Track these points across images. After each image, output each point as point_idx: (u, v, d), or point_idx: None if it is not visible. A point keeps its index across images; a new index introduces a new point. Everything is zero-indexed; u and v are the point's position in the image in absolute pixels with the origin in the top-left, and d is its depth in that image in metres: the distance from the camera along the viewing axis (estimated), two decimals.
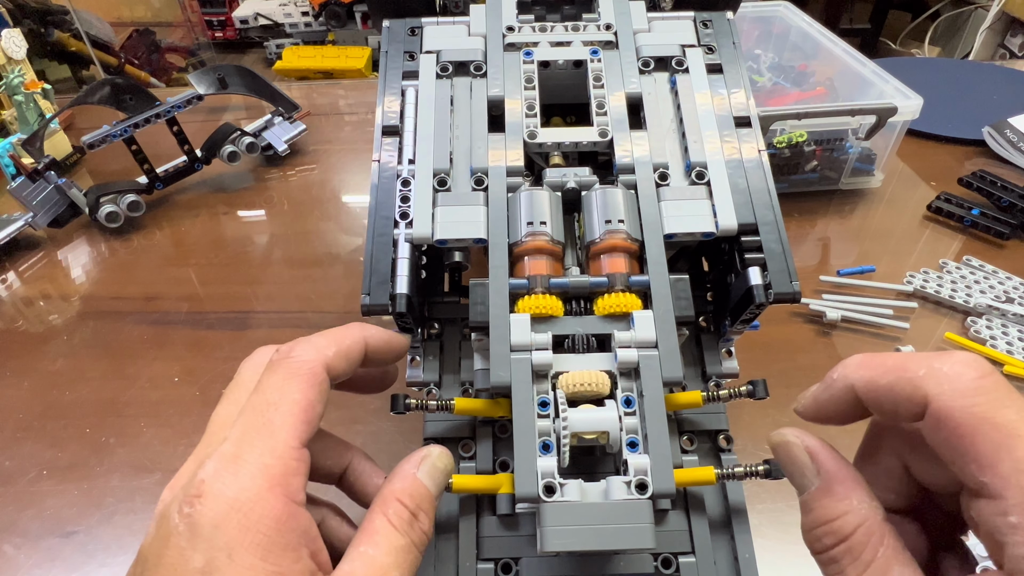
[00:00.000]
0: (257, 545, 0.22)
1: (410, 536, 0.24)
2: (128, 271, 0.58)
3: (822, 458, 0.23)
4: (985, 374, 0.20)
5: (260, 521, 0.22)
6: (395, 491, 0.25)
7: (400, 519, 0.25)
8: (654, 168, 0.33)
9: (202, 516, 0.22)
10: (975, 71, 0.86)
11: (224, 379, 0.47)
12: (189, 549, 0.22)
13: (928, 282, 0.52)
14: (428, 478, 0.26)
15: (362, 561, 0.23)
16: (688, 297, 0.30)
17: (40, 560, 0.37)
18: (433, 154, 0.34)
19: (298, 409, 0.25)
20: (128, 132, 0.60)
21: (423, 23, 0.39)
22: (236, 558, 0.21)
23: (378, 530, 0.24)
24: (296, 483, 0.23)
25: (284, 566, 0.22)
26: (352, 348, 0.28)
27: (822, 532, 0.22)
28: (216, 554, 0.21)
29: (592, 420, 0.27)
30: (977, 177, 0.60)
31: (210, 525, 0.22)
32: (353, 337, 0.28)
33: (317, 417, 0.25)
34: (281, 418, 0.24)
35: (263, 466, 0.23)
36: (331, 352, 0.27)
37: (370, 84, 0.96)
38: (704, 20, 0.38)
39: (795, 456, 0.23)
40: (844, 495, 0.22)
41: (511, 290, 0.30)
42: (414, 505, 0.25)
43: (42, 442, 0.43)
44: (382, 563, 0.23)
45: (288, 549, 0.22)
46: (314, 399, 0.25)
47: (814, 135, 0.58)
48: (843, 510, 0.21)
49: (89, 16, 1.92)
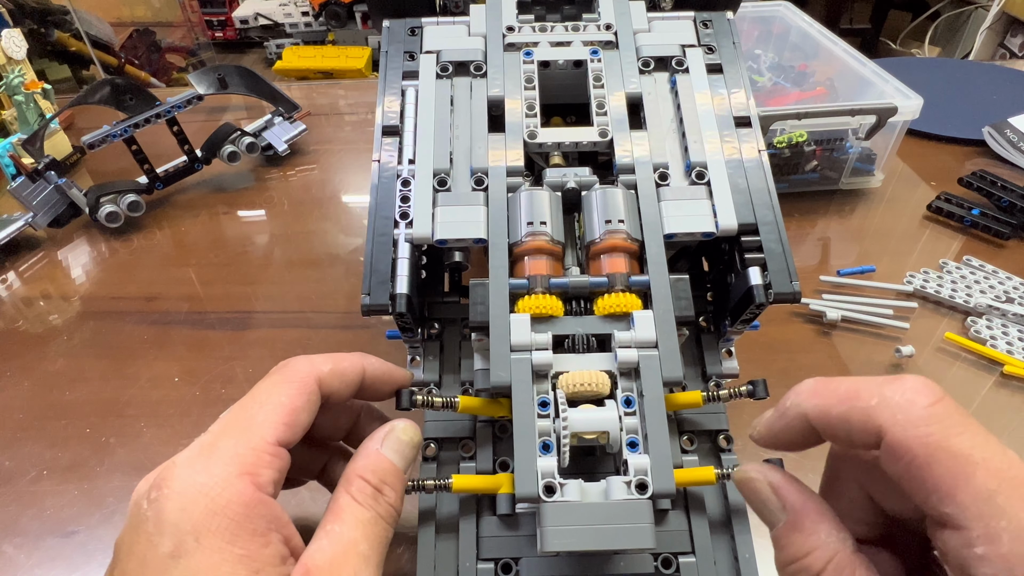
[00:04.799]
0: (224, 529, 0.22)
1: (375, 509, 0.25)
2: (128, 271, 0.58)
3: (785, 492, 0.22)
4: (936, 400, 0.19)
5: (228, 506, 0.22)
6: (357, 468, 0.26)
7: (363, 494, 0.25)
8: (654, 168, 0.33)
9: (169, 501, 0.22)
10: (975, 71, 0.86)
11: (224, 379, 0.47)
12: (157, 535, 0.22)
13: (928, 282, 0.52)
14: (392, 451, 0.27)
15: (329, 539, 0.24)
16: (688, 297, 0.30)
17: (40, 560, 0.37)
18: (433, 154, 0.34)
19: (282, 411, 0.25)
20: (128, 132, 0.60)
21: (423, 23, 0.39)
22: (203, 541, 0.22)
23: (343, 507, 0.25)
24: (267, 475, 0.24)
25: (252, 550, 0.22)
26: (348, 370, 0.28)
27: (794, 570, 0.21)
28: (184, 538, 0.22)
29: (592, 420, 0.27)
30: (977, 177, 0.60)
31: (177, 509, 0.22)
32: (351, 360, 0.29)
33: (301, 424, 0.26)
34: (264, 415, 0.25)
35: (235, 455, 0.24)
36: (326, 368, 0.28)
37: (370, 84, 0.96)
38: (704, 20, 0.38)
39: (759, 492, 0.23)
40: (812, 530, 0.21)
41: (511, 290, 0.30)
42: (377, 480, 0.26)
43: (42, 442, 0.43)
44: (349, 537, 0.24)
45: (256, 534, 0.23)
46: (299, 405, 0.26)
47: (814, 135, 0.58)
48: (812, 546, 0.21)
49: (89, 16, 1.92)
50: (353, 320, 0.51)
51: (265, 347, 0.49)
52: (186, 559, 0.21)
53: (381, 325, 0.49)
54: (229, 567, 0.21)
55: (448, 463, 0.32)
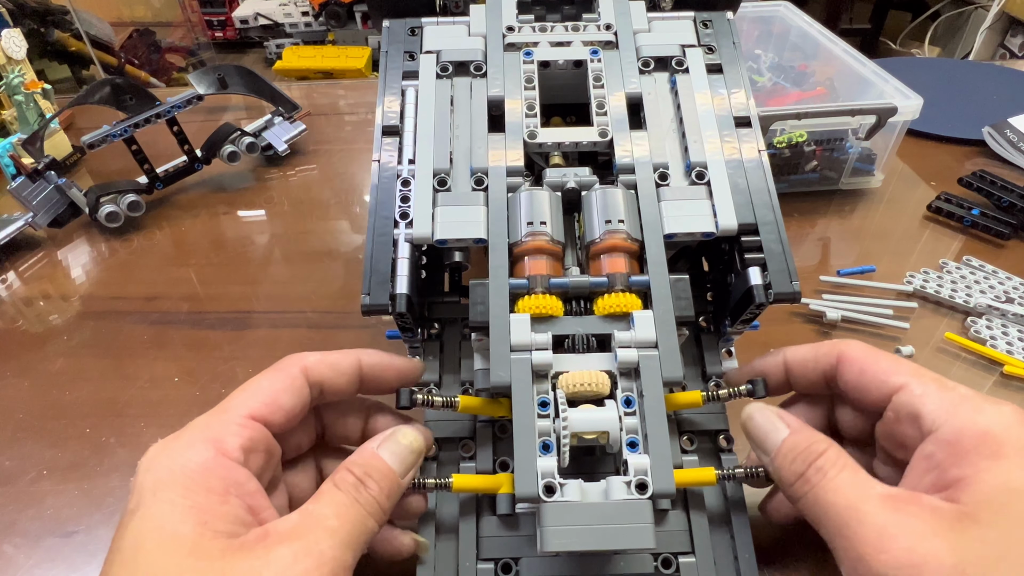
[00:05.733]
0: (179, 484, 0.24)
1: (353, 495, 0.25)
2: (128, 271, 0.58)
3: (785, 415, 0.28)
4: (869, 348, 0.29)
5: (186, 465, 0.24)
6: (347, 462, 0.27)
7: (345, 482, 0.26)
8: (654, 168, 0.33)
9: (141, 467, 0.25)
10: (975, 71, 0.86)
11: (224, 379, 0.47)
12: (130, 499, 0.24)
13: (928, 282, 0.52)
14: (388, 453, 0.27)
15: (299, 513, 0.25)
16: (688, 297, 0.30)
17: (40, 560, 0.37)
18: (433, 154, 0.34)
19: (261, 394, 0.27)
20: (128, 132, 0.60)
21: (423, 23, 0.39)
22: (159, 495, 0.23)
23: (323, 491, 0.26)
24: (232, 441, 0.25)
25: (204, 504, 0.23)
26: (341, 361, 0.29)
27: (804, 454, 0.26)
28: (144, 494, 0.24)
29: (592, 420, 0.27)
30: (977, 177, 0.60)
31: (144, 471, 0.24)
32: (344, 353, 0.30)
33: (282, 404, 0.27)
34: (240, 398, 0.27)
35: (204, 426, 0.26)
36: (314, 358, 0.29)
37: (370, 84, 0.96)
38: (704, 20, 0.38)
39: (767, 417, 0.28)
40: (812, 431, 0.27)
41: (511, 290, 0.30)
42: (361, 472, 0.26)
43: (42, 442, 0.43)
44: (319, 512, 0.25)
45: (212, 492, 0.24)
46: (280, 389, 0.27)
47: (814, 135, 0.58)
48: (816, 438, 0.27)
49: (89, 16, 1.92)
50: (353, 320, 0.51)
51: (265, 347, 0.49)
52: (142, 510, 0.23)
53: (381, 325, 0.49)
54: (179, 515, 0.23)
55: (448, 463, 0.32)
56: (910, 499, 0.24)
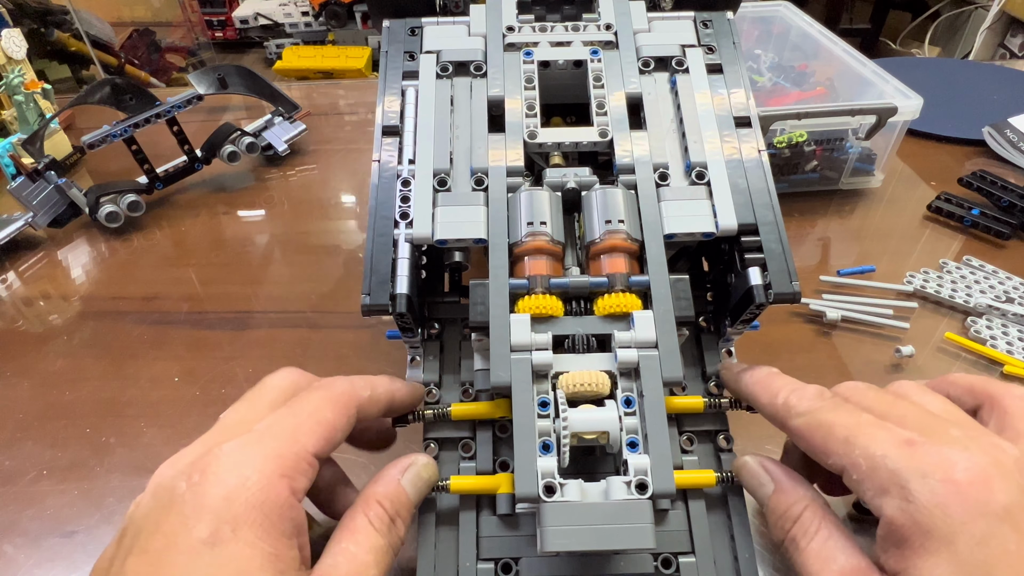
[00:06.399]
0: (260, 525, 0.22)
1: (388, 538, 0.26)
2: (128, 271, 0.58)
3: (771, 468, 0.28)
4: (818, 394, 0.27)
5: (267, 503, 0.23)
6: (377, 494, 0.26)
7: (381, 521, 0.26)
8: (654, 168, 0.33)
9: (213, 487, 0.23)
10: (975, 71, 0.86)
11: (224, 379, 0.47)
12: (193, 518, 0.22)
13: (928, 282, 0.52)
14: (411, 486, 0.27)
15: (344, 557, 0.24)
16: (688, 297, 0.30)
17: (40, 560, 0.37)
18: (433, 154, 0.34)
19: (327, 427, 0.26)
20: (128, 132, 0.60)
21: (423, 23, 0.39)
22: (240, 533, 0.22)
23: (359, 528, 0.25)
24: (301, 482, 0.24)
25: (281, 551, 0.23)
26: (382, 397, 0.29)
27: (782, 519, 0.26)
28: (222, 526, 0.22)
29: (592, 420, 0.27)
30: (977, 177, 0.60)
31: (220, 496, 0.22)
32: (385, 388, 0.30)
33: (336, 442, 0.27)
34: (309, 427, 0.26)
35: (279, 456, 0.24)
36: (366, 394, 0.29)
37: (370, 84, 0.96)
38: (704, 20, 0.38)
39: (754, 470, 0.29)
40: (792, 490, 0.27)
41: (511, 290, 0.30)
42: (393, 510, 0.26)
43: (42, 442, 0.43)
44: (363, 560, 0.24)
45: (285, 536, 0.23)
46: (340, 426, 0.27)
47: (814, 135, 0.58)
48: (793, 500, 0.27)
49: (89, 16, 1.92)
50: (353, 320, 0.51)
51: (265, 347, 0.49)
52: (221, 547, 0.22)
53: (381, 325, 0.49)
54: (259, 563, 0.22)
55: (448, 463, 0.32)
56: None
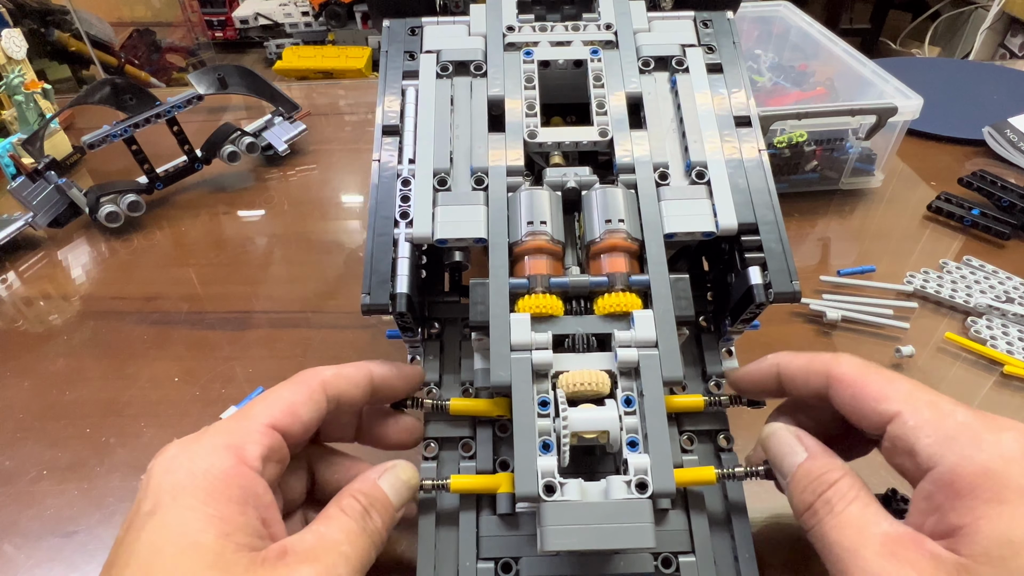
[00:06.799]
0: (200, 490, 0.23)
1: (360, 524, 0.26)
2: (128, 271, 0.58)
3: (805, 437, 0.28)
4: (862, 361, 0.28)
5: (208, 471, 0.24)
6: (352, 489, 0.27)
7: (352, 509, 0.26)
8: (654, 168, 0.33)
9: (156, 467, 0.24)
10: (975, 71, 0.86)
11: (224, 379, 0.47)
12: (142, 498, 0.24)
13: (928, 282, 0.52)
14: (388, 486, 0.28)
15: (312, 535, 0.25)
16: (688, 297, 0.30)
17: (40, 560, 0.37)
18: (433, 154, 0.34)
19: (282, 403, 0.27)
20: (128, 132, 0.60)
21: (423, 23, 0.39)
22: (179, 500, 0.23)
23: (331, 515, 0.26)
24: (253, 449, 0.25)
25: (225, 514, 0.23)
26: (354, 374, 0.30)
27: (815, 483, 0.26)
28: (161, 496, 0.23)
29: (592, 420, 0.27)
30: (977, 177, 0.60)
31: (161, 472, 0.24)
32: (356, 366, 0.30)
33: (301, 416, 0.27)
34: (261, 407, 0.27)
35: (225, 432, 0.26)
36: (330, 372, 0.29)
37: (370, 84, 0.96)
38: (704, 20, 0.38)
39: (785, 438, 0.28)
40: (828, 458, 0.27)
41: (511, 290, 0.30)
42: (367, 503, 0.27)
43: (42, 442, 0.43)
44: (333, 537, 0.25)
45: (232, 501, 0.23)
46: (299, 400, 0.28)
47: (814, 135, 0.58)
48: (831, 466, 0.26)
49: (89, 16, 1.92)
50: (353, 320, 0.51)
51: (265, 347, 0.49)
52: (160, 514, 0.23)
53: (381, 325, 0.49)
54: (200, 524, 0.22)
55: (448, 462, 0.32)
56: (911, 544, 0.23)
